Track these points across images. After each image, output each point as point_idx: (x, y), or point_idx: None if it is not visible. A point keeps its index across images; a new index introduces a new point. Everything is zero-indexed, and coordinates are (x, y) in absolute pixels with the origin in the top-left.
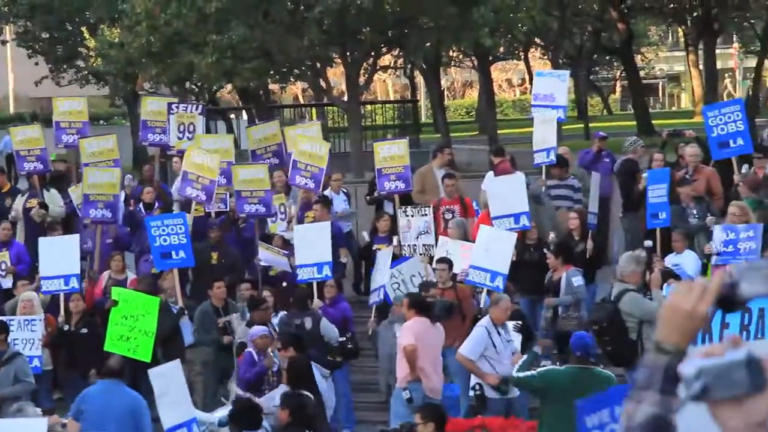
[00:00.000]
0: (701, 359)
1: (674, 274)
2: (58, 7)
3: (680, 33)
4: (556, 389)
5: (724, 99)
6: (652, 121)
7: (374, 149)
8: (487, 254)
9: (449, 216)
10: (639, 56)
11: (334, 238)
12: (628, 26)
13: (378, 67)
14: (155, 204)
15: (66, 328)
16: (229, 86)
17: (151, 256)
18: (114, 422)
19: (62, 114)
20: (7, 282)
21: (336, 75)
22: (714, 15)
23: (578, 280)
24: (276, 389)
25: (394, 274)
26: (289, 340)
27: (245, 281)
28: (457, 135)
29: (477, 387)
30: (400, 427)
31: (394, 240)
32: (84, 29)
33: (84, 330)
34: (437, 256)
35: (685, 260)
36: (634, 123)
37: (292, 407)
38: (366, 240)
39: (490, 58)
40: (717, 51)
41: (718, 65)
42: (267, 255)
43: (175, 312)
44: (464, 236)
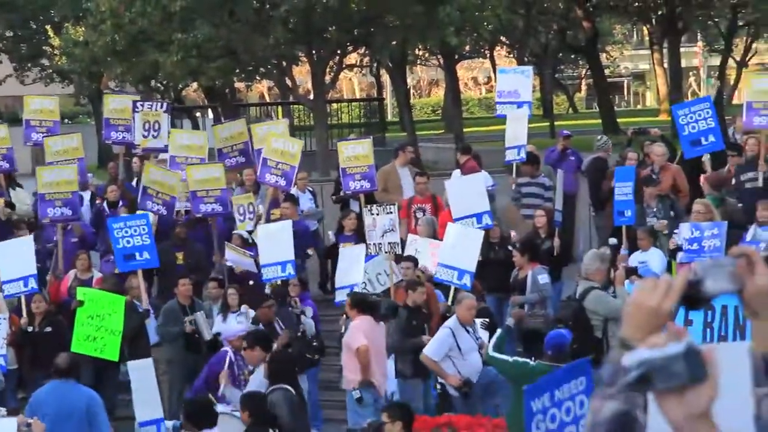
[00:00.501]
0: (644, 350)
1: (637, 272)
2: (22, 6)
3: (645, 31)
4: (526, 383)
5: (689, 97)
6: (617, 120)
7: (338, 149)
8: (455, 252)
9: (420, 214)
10: (604, 55)
11: (300, 237)
12: (593, 25)
13: (344, 66)
14: (119, 203)
15: (30, 329)
16: (195, 85)
17: (113, 257)
18: (69, 421)
19: (33, 112)
20: None
21: (302, 73)
22: (678, 13)
23: (544, 278)
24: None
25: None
26: (256, 339)
27: (212, 280)
28: (423, 133)
29: (439, 387)
30: (368, 426)
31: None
32: (48, 27)
33: (48, 329)
34: (407, 254)
35: (651, 258)
36: (600, 121)
37: (252, 408)
38: (332, 240)
39: (456, 57)
40: (681, 49)
41: (683, 63)
42: (233, 256)
43: (141, 312)
44: (434, 234)
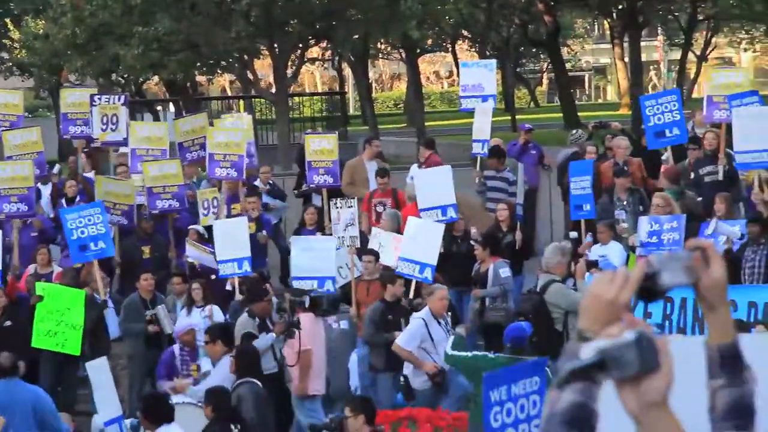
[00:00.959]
0: (601, 340)
1: (597, 265)
2: None
3: (606, 26)
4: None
5: (649, 91)
6: (579, 113)
7: (305, 141)
8: (416, 246)
9: (381, 209)
10: (565, 49)
11: (262, 228)
12: (555, 19)
13: (306, 59)
14: (77, 197)
15: None
16: (156, 78)
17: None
18: (16, 419)
19: None
20: None
21: (264, 67)
22: (639, 8)
23: (505, 272)
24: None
25: None
26: (217, 333)
27: (176, 275)
28: (385, 127)
29: (403, 378)
30: (330, 421)
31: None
32: (8, 21)
33: (8, 323)
34: (369, 247)
35: (611, 251)
36: (561, 115)
37: (215, 403)
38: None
39: (418, 51)
40: (642, 43)
41: (643, 57)
42: (194, 252)
43: (99, 304)
44: (398, 228)
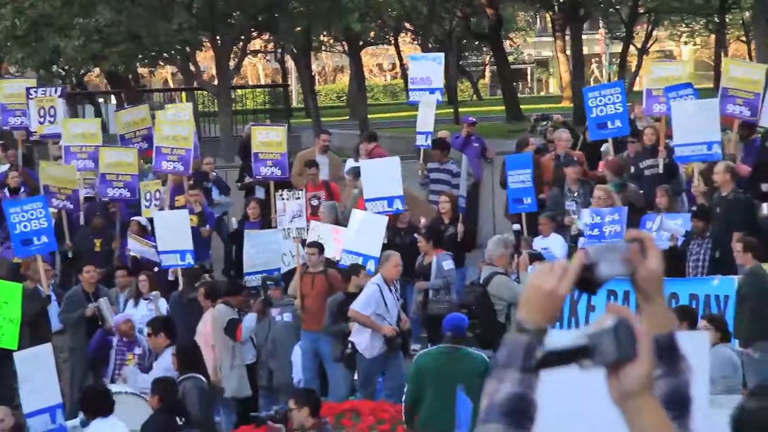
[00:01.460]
0: (589, 326)
1: (541, 257)
2: None
3: (548, 19)
4: (430, 371)
5: (591, 84)
6: (521, 106)
7: (252, 133)
8: (359, 238)
9: (315, 202)
10: (508, 42)
11: (205, 222)
12: (497, 12)
13: (248, 52)
14: (21, 189)
15: None
16: (97, 70)
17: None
18: None
19: None
20: None
21: (206, 59)
22: (580, 1)
23: (449, 264)
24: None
25: None
26: (160, 326)
27: (119, 267)
28: (328, 120)
29: (350, 345)
30: (275, 413)
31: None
32: None
33: None
34: (309, 240)
35: (552, 243)
36: (503, 108)
37: (163, 393)
38: (234, 227)
39: (361, 43)
40: (584, 37)
41: (585, 51)
42: (136, 245)
43: (43, 298)
44: (336, 220)
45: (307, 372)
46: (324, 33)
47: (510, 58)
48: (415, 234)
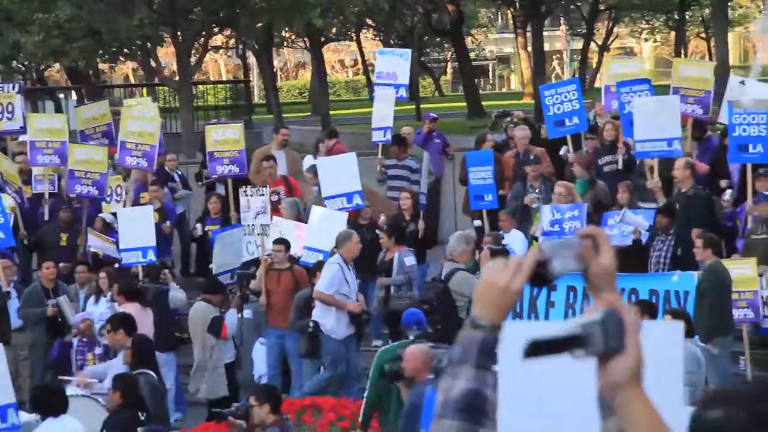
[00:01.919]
0: (582, 316)
1: (504, 252)
2: None
3: (509, 15)
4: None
5: (552, 80)
6: (483, 103)
7: (205, 132)
8: (320, 234)
9: (275, 198)
10: (469, 38)
11: (168, 217)
12: (458, 8)
13: (209, 47)
14: None
15: None
16: (58, 65)
17: None
18: None
19: None
20: None
21: (167, 55)
22: None
23: (410, 260)
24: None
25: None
26: (119, 322)
27: (80, 263)
28: (290, 116)
29: (312, 325)
30: (236, 410)
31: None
32: None
33: None
34: (272, 237)
35: (513, 240)
36: (465, 104)
37: (124, 389)
38: (199, 233)
39: (323, 39)
40: (545, 33)
41: (546, 47)
42: (96, 242)
43: (2, 293)
44: (297, 216)
45: (270, 369)
46: (285, 29)
47: (471, 55)
48: (377, 230)
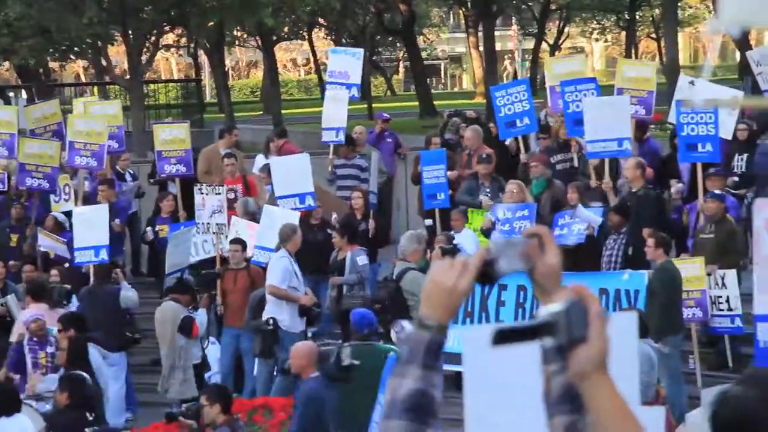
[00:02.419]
0: (551, 306)
1: (455, 251)
2: None
3: (461, 15)
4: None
5: (504, 80)
6: (435, 102)
7: (154, 132)
8: (272, 234)
9: (232, 196)
10: (421, 38)
11: (118, 216)
12: (410, 7)
13: (160, 46)
14: None
15: None
16: (7, 64)
17: None
18: None
19: None
20: None
21: (118, 53)
22: None
23: (363, 260)
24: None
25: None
26: (70, 321)
27: (27, 262)
28: (242, 115)
29: (271, 321)
30: (186, 410)
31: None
32: None
33: None
34: (230, 237)
35: (464, 239)
36: (417, 104)
37: (71, 390)
38: (150, 237)
39: (275, 38)
40: (496, 33)
41: (498, 47)
42: (46, 241)
43: None
44: (249, 215)
45: (223, 368)
46: (237, 28)
47: (423, 54)
48: (328, 230)
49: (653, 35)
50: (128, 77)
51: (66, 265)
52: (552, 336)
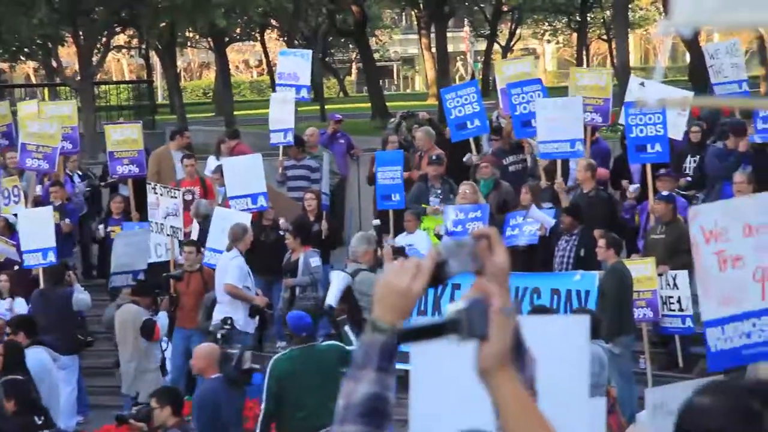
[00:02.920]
0: (457, 304)
1: (404, 252)
2: None
3: (413, 16)
4: (289, 376)
5: (456, 81)
6: (387, 104)
7: (105, 132)
8: (223, 236)
9: (189, 197)
10: (373, 39)
11: (69, 217)
12: (362, 9)
13: (111, 47)
14: None
15: None
16: None
17: None
18: None
19: None
20: None
21: (69, 54)
22: None
23: (316, 261)
24: None
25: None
26: (20, 324)
27: None
28: (194, 116)
29: (229, 321)
30: (137, 412)
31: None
32: None
33: None
34: (189, 238)
35: (417, 240)
36: (369, 105)
37: (17, 395)
38: (101, 235)
39: (227, 39)
40: (449, 34)
41: (450, 48)
42: None
43: None
44: (203, 217)
45: (175, 370)
46: (189, 29)
47: (376, 56)
48: (281, 231)
49: (604, 37)
50: (79, 78)
51: (15, 268)
52: (456, 333)
